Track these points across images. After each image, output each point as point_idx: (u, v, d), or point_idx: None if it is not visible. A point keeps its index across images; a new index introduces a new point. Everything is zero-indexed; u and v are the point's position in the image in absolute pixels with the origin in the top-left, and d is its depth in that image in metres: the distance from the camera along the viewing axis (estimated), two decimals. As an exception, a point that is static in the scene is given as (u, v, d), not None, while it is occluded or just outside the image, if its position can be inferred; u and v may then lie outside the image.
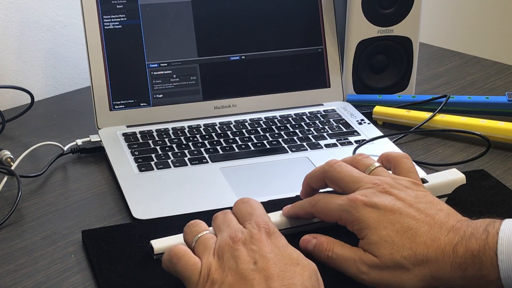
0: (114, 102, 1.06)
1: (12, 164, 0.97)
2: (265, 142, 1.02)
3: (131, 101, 1.06)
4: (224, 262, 0.66)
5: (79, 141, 1.02)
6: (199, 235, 0.70)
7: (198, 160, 0.98)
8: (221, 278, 0.65)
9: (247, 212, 0.71)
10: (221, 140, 1.03)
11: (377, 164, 0.77)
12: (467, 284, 0.67)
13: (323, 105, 1.13)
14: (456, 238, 0.67)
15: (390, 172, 0.78)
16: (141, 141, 1.02)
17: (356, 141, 1.03)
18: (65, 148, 1.02)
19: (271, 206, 0.85)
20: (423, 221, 0.69)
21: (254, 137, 1.04)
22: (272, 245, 0.67)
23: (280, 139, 1.03)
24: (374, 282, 0.70)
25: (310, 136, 1.04)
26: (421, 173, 0.94)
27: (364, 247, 0.70)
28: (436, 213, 0.70)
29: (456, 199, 0.85)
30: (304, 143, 1.02)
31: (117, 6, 1.06)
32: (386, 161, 0.80)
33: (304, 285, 0.63)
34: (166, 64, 1.08)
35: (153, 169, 0.96)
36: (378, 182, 0.73)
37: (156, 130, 1.05)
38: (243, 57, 1.11)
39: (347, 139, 1.03)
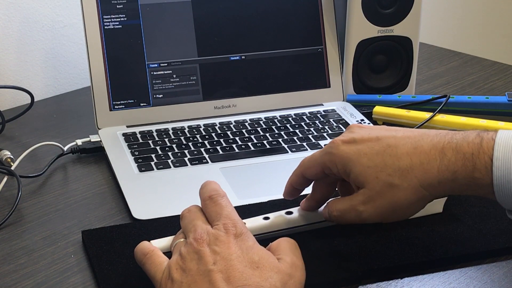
0: (114, 102, 1.06)
1: (12, 164, 0.97)
2: (265, 142, 1.02)
3: (131, 101, 1.06)
4: (185, 263, 0.67)
5: (79, 141, 1.02)
6: (177, 242, 0.71)
7: (198, 160, 0.98)
8: (180, 278, 0.66)
9: (215, 212, 0.71)
10: (221, 140, 1.03)
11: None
12: (458, 188, 0.68)
13: (323, 105, 1.13)
14: (442, 141, 0.68)
15: None
16: (141, 141, 1.02)
17: (356, 141, 1.03)
18: (65, 148, 1.02)
19: (271, 206, 0.85)
20: (402, 136, 0.71)
21: (254, 137, 1.04)
22: (236, 247, 0.67)
23: (280, 139, 1.03)
24: (373, 216, 0.71)
25: (310, 136, 1.04)
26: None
27: (353, 184, 0.72)
28: (415, 131, 0.71)
29: (456, 199, 0.85)
30: (304, 143, 1.02)
31: (117, 6, 1.06)
32: None
33: (260, 285, 0.64)
34: (166, 64, 1.08)
35: (153, 169, 0.96)
36: (351, 128, 0.75)
37: (156, 130, 1.05)
38: (243, 57, 1.11)
39: (347, 139, 1.03)
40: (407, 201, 0.69)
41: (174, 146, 1.01)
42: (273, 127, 1.06)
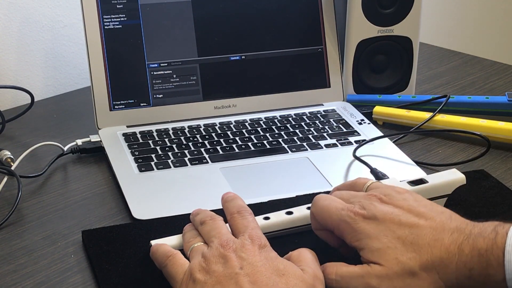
0: (114, 102, 1.06)
1: (12, 164, 0.97)
2: (265, 142, 1.02)
3: (131, 101, 1.06)
4: (210, 265, 0.67)
5: (79, 141, 1.02)
6: (195, 245, 0.72)
7: (198, 160, 0.98)
8: (204, 279, 0.66)
9: (242, 224, 0.72)
10: (221, 140, 1.03)
11: (373, 180, 0.77)
12: (473, 285, 0.66)
13: (323, 105, 1.13)
14: (461, 237, 0.66)
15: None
16: (141, 141, 1.02)
17: (356, 141, 1.03)
18: (65, 148, 1.02)
19: (271, 206, 0.85)
20: (424, 225, 0.69)
21: (254, 137, 1.04)
22: (261, 256, 0.68)
23: (280, 139, 1.03)
24: None
25: (310, 136, 1.04)
26: (421, 173, 0.94)
27: (366, 257, 0.69)
28: (437, 215, 0.70)
29: (456, 199, 0.85)
30: (304, 143, 1.02)
31: (117, 6, 1.06)
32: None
33: None
34: (166, 64, 1.08)
35: (153, 169, 0.96)
36: (374, 193, 0.73)
37: (156, 130, 1.05)
38: (243, 57, 1.11)
39: (347, 139, 1.03)
40: None
41: (174, 146, 1.01)
42: (273, 127, 1.06)
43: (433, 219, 0.69)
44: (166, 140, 1.02)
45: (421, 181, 0.82)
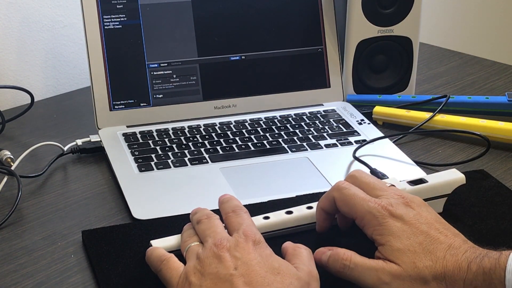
0: (114, 102, 1.06)
1: (12, 164, 0.97)
2: (265, 142, 1.02)
3: (131, 101, 1.06)
4: (204, 267, 0.67)
5: (79, 141, 1.02)
6: (191, 245, 0.72)
7: (198, 160, 0.98)
8: (199, 282, 0.66)
9: (236, 222, 0.72)
10: (221, 140, 1.03)
11: (389, 184, 0.79)
12: None
13: (323, 105, 1.13)
14: (472, 256, 0.68)
15: None
16: (141, 141, 1.02)
17: (356, 141, 1.03)
18: (65, 148, 1.02)
19: (271, 206, 0.85)
20: (443, 240, 0.70)
21: (254, 137, 1.04)
22: (256, 254, 0.68)
23: (280, 139, 1.03)
24: None
25: (310, 136, 1.04)
26: (421, 173, 0.94)
27: (384, 254, 0.70)
28: (454, 236, 0.71)
29: (456, 199, 0.85)
30: (304, 143, 1.02)
31: (117, 6, 1.06)
32: None
33: None
34: (166, 64, 1.08)
35: (153, 169, 0.96)
36: (401, 194, 0.74)
37: (156, 130, 1.05)
38: (243, 57, 1.11)
39: (347, 139, 1.03)
40: None
41: (174, 146, 1.01)
42: (273, 127, 1.06)
43: (451, 237, 0.71)
44: (166, 140, 1.02)
45: (421, 181, 0.82)
